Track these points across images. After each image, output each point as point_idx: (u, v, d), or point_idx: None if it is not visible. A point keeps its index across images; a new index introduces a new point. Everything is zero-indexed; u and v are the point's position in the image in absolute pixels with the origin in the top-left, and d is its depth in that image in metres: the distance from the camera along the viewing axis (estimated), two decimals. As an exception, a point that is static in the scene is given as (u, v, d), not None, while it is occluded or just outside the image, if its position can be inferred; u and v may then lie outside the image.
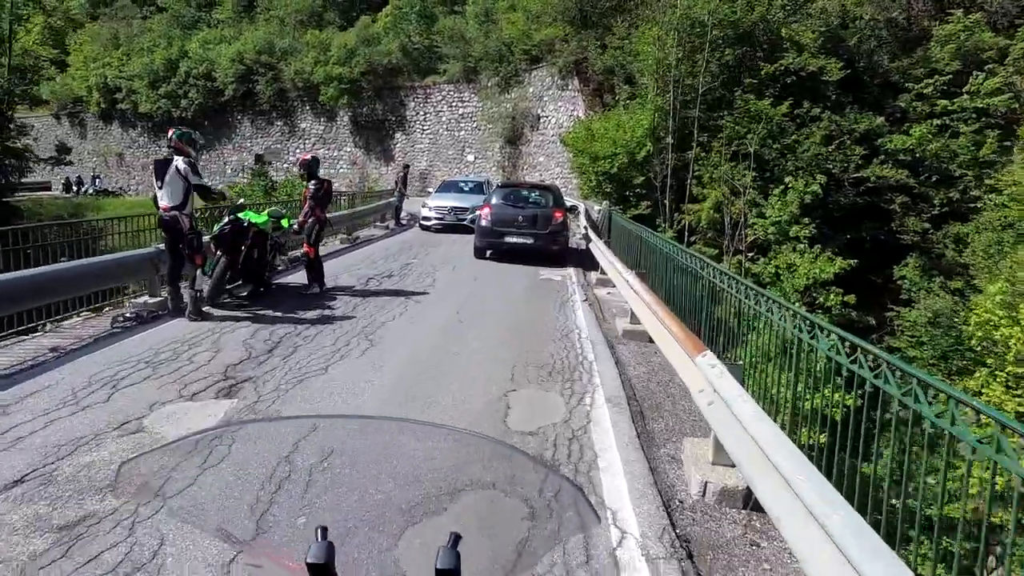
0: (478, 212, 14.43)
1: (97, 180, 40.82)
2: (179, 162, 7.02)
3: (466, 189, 19.85)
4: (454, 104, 36.76)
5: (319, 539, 0.91)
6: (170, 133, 7.27)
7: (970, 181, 21.14)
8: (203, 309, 7.22)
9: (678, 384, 5.84)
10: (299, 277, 9.71)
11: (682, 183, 22.61)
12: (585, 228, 16.56)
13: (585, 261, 13.68)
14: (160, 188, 7.09)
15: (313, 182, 9.11)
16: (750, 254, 20.08)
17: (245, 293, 8.24)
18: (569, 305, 9.20)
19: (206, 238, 7.76)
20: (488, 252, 13.94)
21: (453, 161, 36.17)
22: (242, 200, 8.51)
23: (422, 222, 18.45)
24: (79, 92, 48.63)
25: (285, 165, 41.40)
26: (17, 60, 24.74)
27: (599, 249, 11.55)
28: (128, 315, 6.90)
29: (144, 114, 45.75)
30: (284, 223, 9.07)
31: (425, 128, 37.79)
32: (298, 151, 42.31)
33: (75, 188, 40.14)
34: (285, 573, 0.96)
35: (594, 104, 28.05)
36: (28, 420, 4.24)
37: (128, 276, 7.74)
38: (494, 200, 14.32)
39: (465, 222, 17.55)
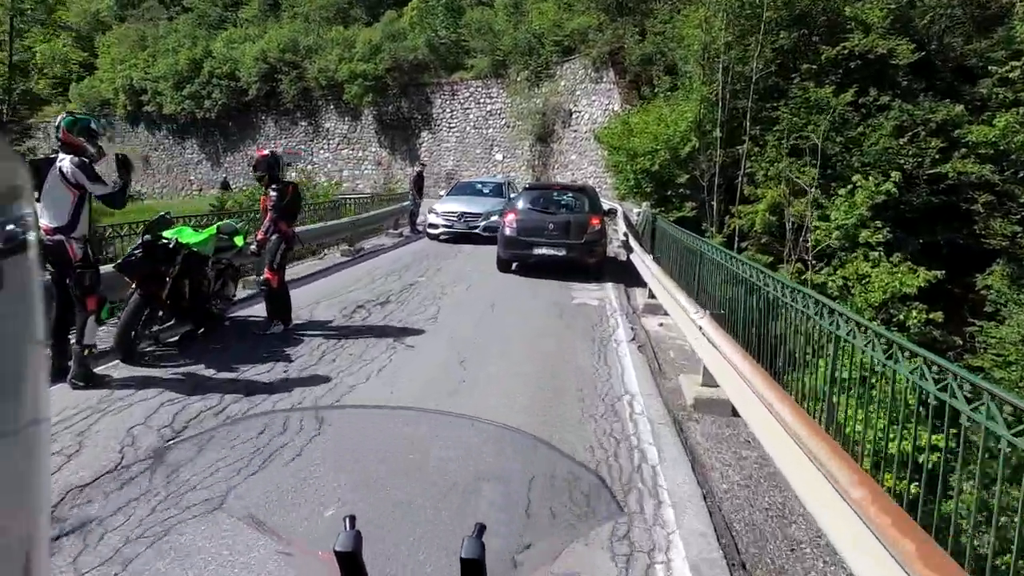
0: (502, 219, 12.40)
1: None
2: (64, 163, 4.97)
3: (485, 191, 17.62)
4: (482, 101, 34.79)
5: (347, 528, 0.91)
6: (57, 120, 5.22)
7: (1064, 177, 18.55)
8: (95, 371, 5.14)
9: (798, 513, 3.62)
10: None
11: (731, 182, 20.22)
12: (625, 235, 14.36)
13: (626, 276, 11.49)
14: (38, 200, 5.03)
15: (274, 187, 6.93)
16: (814, 263, 17.62)
17: (176, 338, 6.19)
18: (612, 347, 6.99)
19: (108, 269, 5.68)
20: (513, 265, 11.98)
21: (481, 160, 34.17)
22: (166, 213, 6.42)
23: (428, 230, 16.31)
24: (106, 94, 47.92)
25: (310, 167, 39.97)
26: (19, 58, 23.35)
27: (645, 266, 9.34)
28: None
29: (168, 115, 44.99)
30: (238, 241, 7.00)
31: (452, 126, 35.90)
32: (322, 151, 40.74)
33: (92, 192, 39.24)
34: (314, 561, 0.96)
35: (631, 97, 25.77)
36: None
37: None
38: (520, 204, 12.36)
39: (478, 230, 15.41)
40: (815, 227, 17.90)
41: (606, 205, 15.59)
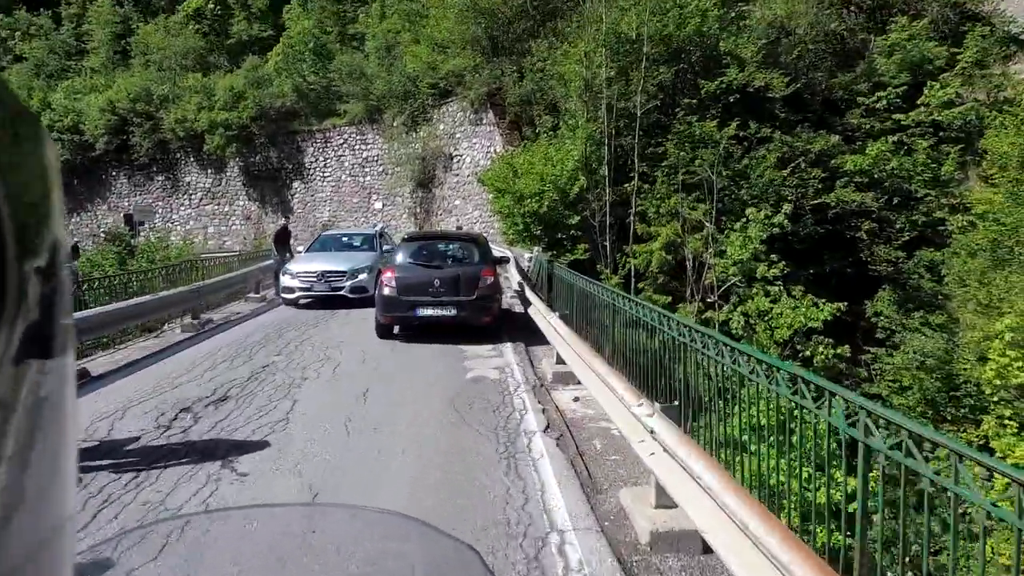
0: (379, 276, 10.68)
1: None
2: None
3: (354, 244, 15.38)
4: (357, 148, 32.98)
5: None
6: None
7: (931, 201, 19.10)
8: None
9: None
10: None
11: (623, 221, 19.46)
12: (520, 285, 12.96)
13: (526, 332, 9.99)
14: None
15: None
16: (718, 302, 16.92)
17: None
18: (522, 445, 5.33)
19: None
20: (395, 328, 10.23)
21: (359, 210, 32.21)
22: None
23: (283, 295, 13.60)
24: (-76, 156, 42.30)
25: (169, 224, 36.66)
26: None
27: (552, 328, 7.82)
28: None
29: (0, 176, 40.02)
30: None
31: (326, 175, 33.77)
32: (183, 207, 37.32)
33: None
34: None
35: (512, 138, 24.87)
36: None
37: None
38: (400, 258, 10.68)
39: (343, 291, 13.09)
40: (713, 264, 17.30)
41: (497, 252, 14.14)
